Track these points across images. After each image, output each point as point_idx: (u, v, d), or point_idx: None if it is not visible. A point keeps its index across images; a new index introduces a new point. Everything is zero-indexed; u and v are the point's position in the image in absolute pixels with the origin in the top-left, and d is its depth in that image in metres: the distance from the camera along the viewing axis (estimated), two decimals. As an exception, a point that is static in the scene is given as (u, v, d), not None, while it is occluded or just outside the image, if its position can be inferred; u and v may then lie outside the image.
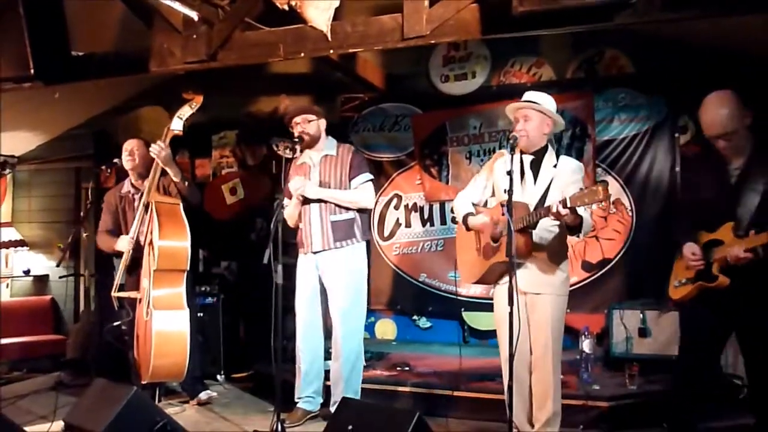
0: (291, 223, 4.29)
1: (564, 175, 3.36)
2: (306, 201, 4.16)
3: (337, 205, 4.13)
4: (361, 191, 4.18)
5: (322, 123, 4.26)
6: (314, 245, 4.15)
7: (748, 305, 3.11)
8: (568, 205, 3.02)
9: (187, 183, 4.46)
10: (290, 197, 4.24)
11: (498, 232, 3.39)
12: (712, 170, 3.25)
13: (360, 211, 4.21)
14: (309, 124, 4.18)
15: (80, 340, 6.04)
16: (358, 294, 4.20)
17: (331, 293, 4.17)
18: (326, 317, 4.25)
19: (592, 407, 3.99)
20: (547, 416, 3.39)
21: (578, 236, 3.32)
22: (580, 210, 3.10)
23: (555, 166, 3.41)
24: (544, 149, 3.45)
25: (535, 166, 3.42)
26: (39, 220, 7.25)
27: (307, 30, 3.87)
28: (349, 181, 4.17)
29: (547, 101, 3.44)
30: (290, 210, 4.24)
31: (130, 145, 4.63)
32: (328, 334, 4.31)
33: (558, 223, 3.31)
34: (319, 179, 4.18)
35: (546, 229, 3.35)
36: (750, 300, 3.10)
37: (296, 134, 4.15)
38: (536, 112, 3.40)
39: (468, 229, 3.58)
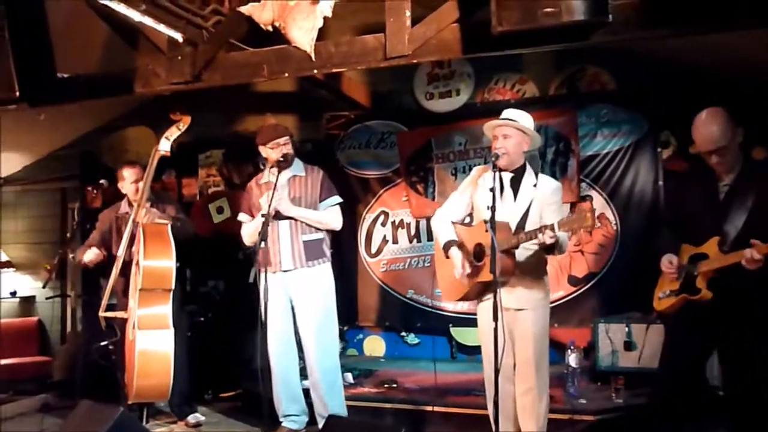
0: (248, 241, 4.28)
1: (543, 197, 3.40)
2: (275, 218, 4.09)
3: (307, 224, 4.14)
4: (332, 213, 4.21)
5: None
6: (284, 264, 4.12)
7: (730, 320, 3.13)
8: (557, 230, 3.07)
9: (180, 222, 4.48)
10: (251, 215, 4.25)
11: (481, 252, 3.39)
12: (701, 185, 3.27)
13: (327, 231, 4.24)
14: (288, 145, 4.18)
15: (67, 361, 6.00)
16: (330, 311, 4.20)
17: (302, 312, 4.15)
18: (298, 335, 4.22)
19: (579, 421, 4.01)
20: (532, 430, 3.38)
21: (553, 255, 3.35)
22: (559, 232, 3.13)
23: (535, 185, 3.43)
24: (523, 168, 3.47)
25: (515, 184, 3.44)
26: (25, 241, 7.24)
27: (291, 50, 3.90)
28: (320, 202, 4.19)
29: (525, 119, 3.46)
30: (251, 228, 4.22)
31: (134, 176, 4.60)
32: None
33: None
34: (291, 198, 4.15)
35: (525, 247, 3.36)
36: (731, 316, 3.12)
37: (278, 155, 4.11)
38: (516, 130, 3.41)
39: (447, 257, 3.53)
